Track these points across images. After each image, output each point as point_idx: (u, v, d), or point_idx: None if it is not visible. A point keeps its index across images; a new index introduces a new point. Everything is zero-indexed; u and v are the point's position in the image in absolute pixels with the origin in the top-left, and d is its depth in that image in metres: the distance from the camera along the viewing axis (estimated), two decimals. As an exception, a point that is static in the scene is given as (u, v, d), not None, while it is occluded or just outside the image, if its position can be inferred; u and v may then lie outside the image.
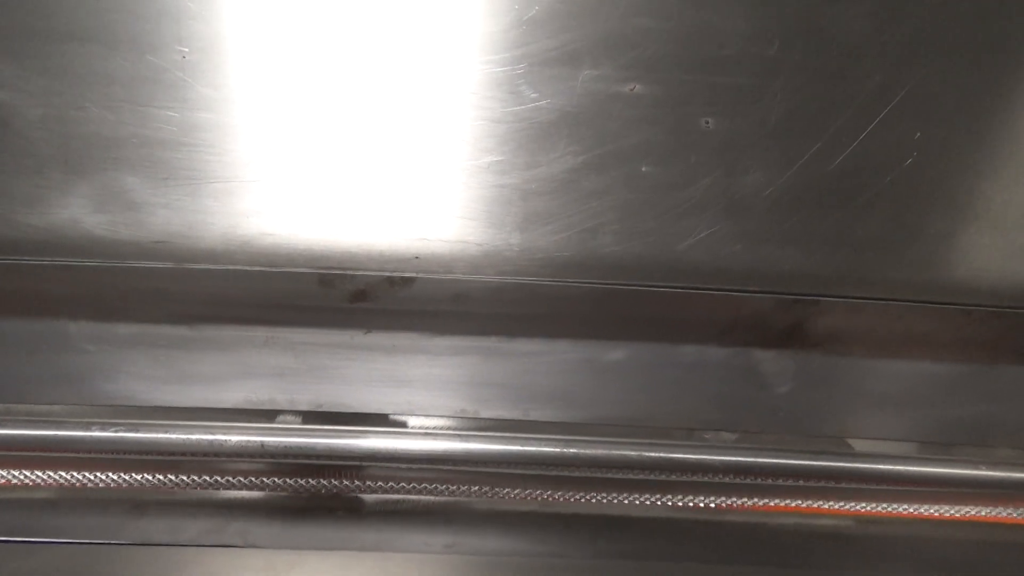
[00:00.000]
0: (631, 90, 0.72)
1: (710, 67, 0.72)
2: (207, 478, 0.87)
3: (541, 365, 0.89)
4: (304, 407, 0.88)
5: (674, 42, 0.71)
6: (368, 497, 0.86)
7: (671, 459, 0.81)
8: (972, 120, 0.74)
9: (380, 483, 0.87)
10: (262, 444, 0.79)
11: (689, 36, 0.71)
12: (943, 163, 0.76)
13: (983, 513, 0.89)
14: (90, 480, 0.86)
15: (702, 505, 0.89)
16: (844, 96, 0.73)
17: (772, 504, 0.89)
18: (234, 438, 0.79)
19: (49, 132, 0.71)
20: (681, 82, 0.73)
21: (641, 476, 0.86)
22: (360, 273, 0.79)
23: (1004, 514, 0.90)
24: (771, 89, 0.73)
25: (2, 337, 0.83)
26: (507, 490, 0.88)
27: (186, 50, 0.70)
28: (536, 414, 0.90)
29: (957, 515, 0.89)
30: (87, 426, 0.78)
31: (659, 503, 0.89)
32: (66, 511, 0.82)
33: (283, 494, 0.87)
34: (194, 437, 0.78)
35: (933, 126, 0.74)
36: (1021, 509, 0.89)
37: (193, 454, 0.79)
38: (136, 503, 0.83)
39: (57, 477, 0.85)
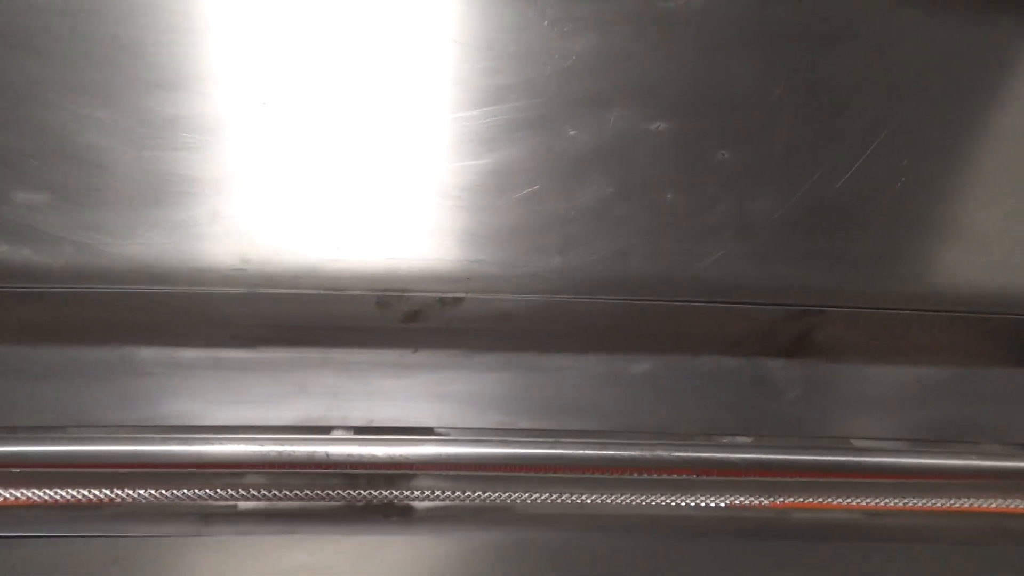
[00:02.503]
0: (656, 128, 0.83)
1: (724, 107, 0.82)
2: (265, 492, 0.93)
3: (571, 378, 0.98)
4: (356, 423, 0.95)
5: (693, 87, 0.82)
6: (419, 504, 0.93)
7: (699, 458, 0.89)
8: (952, 150, 0.86)
9: (428, 491, 0.94)
10: (327, 454, 0.86)
11: (705, 81, 0.82)
12: (928, 188, 0.87)
13: (979, 503, 0.98)
14: (154, 496, 0.91)
15: (724, 504, 0.97)
16: (840, 130, 0.84)
17: (787, 501, 0.97)
18: (300, 448, 0.85)
19: (142, 172, 0.79)
20: (699, 121, 0.83)
21: (668, 476, 0.94)
22: (416, 294, 0.87)
23: (999, 504, 0.99)
24: (777, 125, 0.83)
25: (82, 363, 0.89)
26: (546, 495, 0.95)
27: (266, 99, 0.78)
28: (569, 424, 0.98)
29: (955, 506, 0.98)
30: (164, 441, 0.84)
31: (683, 503, 0.97)
32: (135, 521, 0.87)
33: (337, 504, 0.93)
34: (264, 448, 0.85)
35: (918, 156, 0.85)
36: (1012, 499, 0.98)
37: (261, 465, 0.86)
38: (203, 514, 0.89)
39: (124, 495, 0.90)
